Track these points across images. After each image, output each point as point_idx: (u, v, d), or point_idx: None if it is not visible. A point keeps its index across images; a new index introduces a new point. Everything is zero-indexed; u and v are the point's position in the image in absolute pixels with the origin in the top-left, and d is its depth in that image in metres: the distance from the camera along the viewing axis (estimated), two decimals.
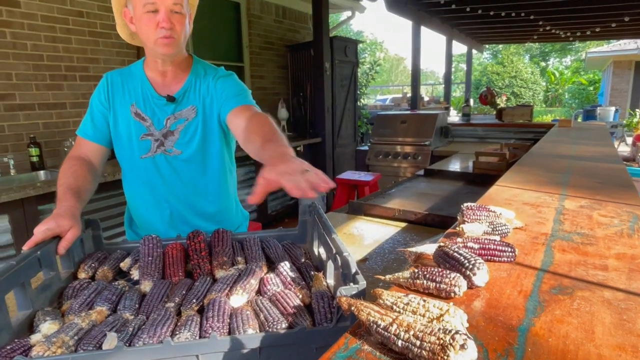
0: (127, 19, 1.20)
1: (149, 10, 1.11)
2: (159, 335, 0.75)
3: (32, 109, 3.07)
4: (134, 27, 1.19)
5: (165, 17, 1.12)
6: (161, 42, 1.14)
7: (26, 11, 2.98)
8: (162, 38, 1.13)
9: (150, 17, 1.12)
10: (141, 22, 1.14)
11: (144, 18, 1.13)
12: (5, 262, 0.87)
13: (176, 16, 1.14)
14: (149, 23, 1.12)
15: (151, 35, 1.14)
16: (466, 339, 0.43)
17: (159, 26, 1.12)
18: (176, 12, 1.14)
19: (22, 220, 2.39)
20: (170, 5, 1.12)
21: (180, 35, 1.17)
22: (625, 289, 0.64)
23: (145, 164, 1.29)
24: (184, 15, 1.17)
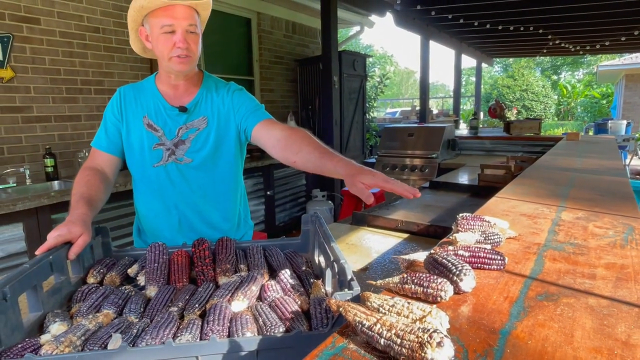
0: (143, 37, 1.27)
1: (167, 32, 1.19)
2: (162, 337, 0.78)
3: (48, 121, 3.18)
4: (150, 45, 1.26)
5: (182, 37, 1.19)
6: (177, 61, 1.22)
7: (45, 28, 3.11)
8: (178, 57, 1.21)
9: (168, 37, 1.19)
10: (158, 42, 1.21)
11: (161, 38, 1.20)
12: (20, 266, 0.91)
13: (191, 36, 1.22)
14: (166, 43, 1.20)
15: (167, 54, 1.21)
16: (443, 337, 0.45)
17: (175, 46, 1.20)
18: (191, 32, 1.21)
19: (35, 229, 2.46)
20: (186, 27, 1.19)
21: (194, 53, 1.24)
22: (609, 297, 0.66)
23: (157, 172, 1.35)
24: (198, 35, 1.24)
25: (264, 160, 4.10)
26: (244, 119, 1.34)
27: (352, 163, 1.09)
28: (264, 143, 1.31)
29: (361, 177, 1.00)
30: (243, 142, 1.40)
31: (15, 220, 2.38)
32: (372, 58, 13.10)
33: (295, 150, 1.22)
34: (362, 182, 0.99)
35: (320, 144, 1.22)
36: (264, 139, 1.31)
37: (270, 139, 1.28)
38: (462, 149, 4.87)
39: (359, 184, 1.00)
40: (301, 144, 1.21)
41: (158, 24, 1.19)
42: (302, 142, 1.21)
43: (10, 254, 2.38)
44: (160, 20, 1.18)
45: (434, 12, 6.06)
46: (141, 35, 1.27)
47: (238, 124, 1.35)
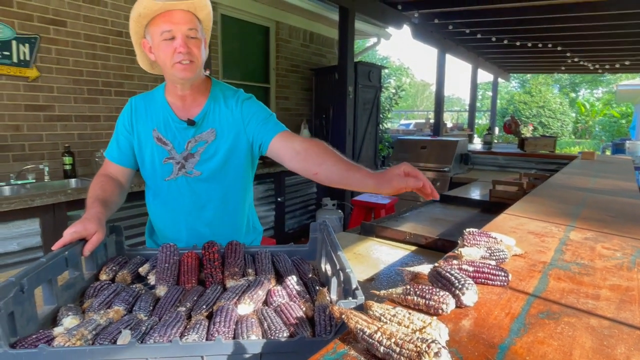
0: (147, 49, 1.25)
1: (166, 38, 1.17)
2: (169, 335, 0.80)
3: (69, 120, 3.27)
4: (153, 56, 1.24)
5: (182, 42, 1.17)
6: (179, 67, 1.19)
7: (71, 30, 3.21)
8: (180, 63, 1.18)
9: (168, 44, 1.17)
10: (159, 50, 1.19)
11: (161, 45, 1.18)
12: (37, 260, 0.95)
13: (192, 41, 1.19)
14: (166, 50, 1.18)
15: (169, 61, 1.19)
16: (440, 348, 0.47)
17: (176, 51, 1.17)
18: (192, 37, 1.19)
19: (51, 225, 2.52)
20: (186, 31, 1.17)
21: (197, 58, 1.21)
22: (612, 318, 0.66)
23: (168, 185, 1.35)
24: (200, 39, 1.22)
25: (275, 167, 4.13)
26: (257, 133, 1.31)
27: (376, 173, 1.11)
28: (282, 156, 1.29)
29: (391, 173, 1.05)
30: (256, 154, 1.38)
31: (32, 215, 2.45)
32: (388, 70, 13.15)
33: (318, 162, 1.20)
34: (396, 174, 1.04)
35: (342, 156, 1.22)
36: (282, 152, 1.28)
37: (289, 151, 1.26)
38: (475, 163, 4.84)
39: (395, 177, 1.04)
40: (324, 156, 1.20)
41: (158, 31, 1.17)
42: (325, 154, 1.21)
43: (26, 248, 2.44)
44: (160, 27, 1.17)
45: (451, 26, 6.08)
46: (144, 48, 1.26)
47: (250, 137, 1.33)
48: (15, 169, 2.95)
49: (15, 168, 2.96)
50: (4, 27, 2.85)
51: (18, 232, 2.41)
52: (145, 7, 1.16)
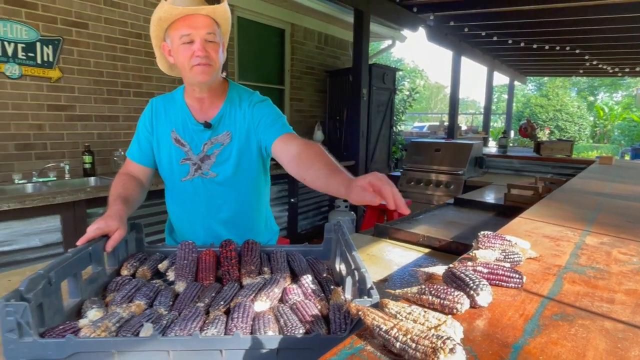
0: (166, 52, 1.29)
1: (185, 42, 1.21)
2: (189, 329, 0.83)
3: (89, 120, 3.35)
4: (172, 59, 1.28)
5: (200, 46, 1.20)
6: (197, 70, 1.22)
7: (93, 32, 3.30)
8: (198, 65, 1.21)
9: (187, 47, 1.21)
10: (178, 53, 1.23)
11: (180, 49, 1.22)
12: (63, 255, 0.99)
13: (210, 45, 1.23)
14: (185, 53, 1.22)
15: (187, 64, 1.22)
16: (455, 345, 0.48)
17: (194, 55, 1.21)
18: (210, 41, 1.22)
19: (71, 221, 2.59)
20: (204, 35, 1.21)
21: (214, 62, 1.24)
22: (627, 321, 0.66)
23: (184, 186, 1.39)
24: (218, 43, 1.25)
25: None
26: (263, 135, 1.33)
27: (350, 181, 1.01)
28: (281, 160, 1.30)
29: (354, 184, 0.95)
30: (265, 157, 1.41)
31: (53, 212, 2.51)
32: (402, 72, 13.12)
33: (307, 167, 1.18)
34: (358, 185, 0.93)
35: (331, 160, 1.17)
36: (281, 156, 1.29)
37: (287, 155, 1.26)
38: (490, 167, 4.80)
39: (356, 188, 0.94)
40: (313, 161, 1.17)
41: (177, 35, 1.21)
42: (315, 158, 1.17)
43: (47, 244, 2.51)
44: (179, 31, 1.20)
45: (467, 29, 6.04)
46: (164, 51, 1.30)
47: (258, 140, 1.35)
48: (37, 167, 3.03)
49: (38, 166, 3.05)
50: (29, 29, 2.94)
51: (40, 228, 2.48)
52: (166, 12, 1.20)
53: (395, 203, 0.89)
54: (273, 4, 4.83)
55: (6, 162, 2.94)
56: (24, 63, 2.93)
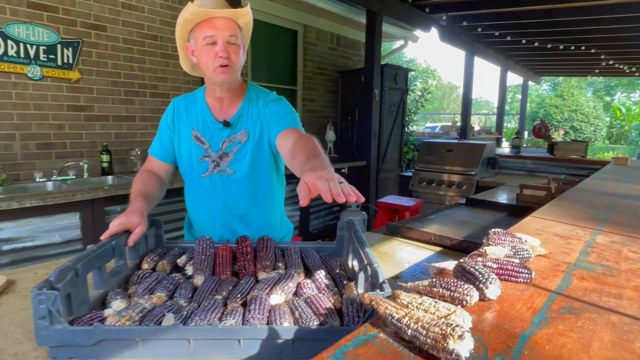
0: (189, 52, 1.35)
1: (208, 43, 1.26)
2: (208, 320, 0.87)
3: (107, 120, 3.43)
4: (195, 59, 1.34)
5: (223, 47, 1.26)
6: (219, 71, 1.28)
7: (111, 34, 3.38)
8: (220, 66, 1.27)
9: (210, 48, 1.27)
10: (201, 54, 1.29)
11: (204, 50, 1.28)
12: (88, 248, 1.04)
13: (232, 47, 1.28)
14: (208, 54, 1.27)
15: (210, 64, 1.28)
16: (464, 331, 0.51)
17: (217, 56, 1.26)
18: (232, 44, 1.28)
19: (90, 219, 2.66)
20: (227, 38, 1.26)
21: (235, 63, 1.30)
22: (633, 316, 0.68)
23: (203, 182, 1.45)
24: (239, 46, 1.30)
25: None
26: (271, 130, 1.36)
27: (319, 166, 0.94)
28: (281, 153, 1.30)
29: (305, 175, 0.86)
30: (276, 154, 1.43)
31: (73, 210, 2.59)
32: (415, 72, 13.07)
33: (294, 158, 1.15)
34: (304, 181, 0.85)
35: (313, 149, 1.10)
36: (281, 149, 1.30)
37: (285, 149, 1.26)
38: (503, 167, 4.78)
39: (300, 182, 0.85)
40: (299, 150, 1.13)
41: (201, 36, 1.26)
42: (302, 149, 1.13)
43: (67, 240, 2.59)
44: (203, 32, 1.26)
45: (480, 29, 6.02)
46: (187, 51, 1.35)
47: (268, 136, 1.39)
48: (57, 166, 3.12)
49: (58, 165, 3.14)
50: (50, 32, 3.03)
51: (60, 225, 2.56)
52: (192, 13, 1.25)
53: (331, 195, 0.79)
54: (286, 5, 4.88)
55: (28, 161, 3.03)
56: (45, 65, 3.02)
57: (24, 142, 3.00)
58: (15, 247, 2.38)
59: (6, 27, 2.82)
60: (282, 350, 0.84)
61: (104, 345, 0.82)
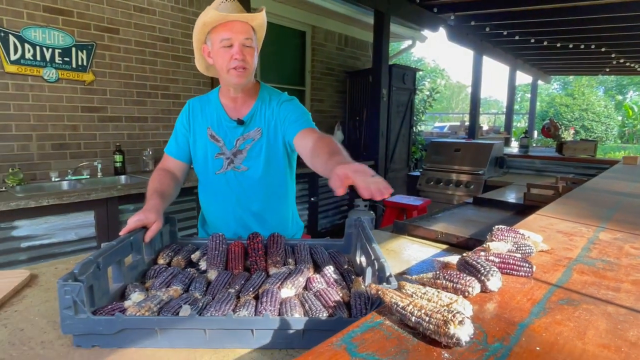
0: (205, 54, 1.41)
1: (225, 45, 1.33)
2: (223, 311, 0.92)
3: (119, 121, 3.51)
4: (211, 61, 1.40)
5: (239, 50, 1.32)
6: (234, 72, 1.34)
7: (123, 37, 3.46)
8: (235, 69, 1.33)
9: (226, 50, 1.33)
10: (218, 55, 1.36)
11: (220, 52, 1.34)
12: (108, 243, 1.09)
13: (247, 49, 1.35)
14: (224, 56, 1.34)
15: (225, 66, 1.34)
16: (464, 317, 0.55)
17: (232, 58, 1.33)
18: (247, 46, 1.35)
19: (104, 217, 2.74)
20: (243, 40, 1.33)
21: (250, 65, 1.36)
22: (629, 307, 0.71)
23: (218, 179, 1.50)
24: (254, 48, 1.37)
25: (308, 167, 4.25)
26: (287, 130, 1.43)
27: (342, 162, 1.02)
28: (301, 153, 1.38)
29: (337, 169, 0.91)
30: (290, 153, 1.51)
31: (88, 208, 2.66)
32: (423, 72, 13.05)
33: (316, 156, 1.23)
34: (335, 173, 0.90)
35: (336, 148, 1.18)
36: (300, 148, 1.38)
37: (305, 148, 1.33)
38: (511, 167, 4.78)
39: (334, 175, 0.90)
40: (321, 150, 1.20)
41: (218, 38, 1.33)
42: (323, 148, 1.20)
43: (82, 238, 2.66)
44: (220, 34, 1.32)
45: (488, 28, 6.01)
46: (204, 53, 1.42)
47: (283, 135, 1.45)
48: (72, 166, 3.20)
49: (72, 165, 3.22)
50: (65, 35, 3.11)
51: (75, 223, 2.63)
52: (210, 17, 1.31)
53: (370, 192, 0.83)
54: (294, 7, 4.93)
55: (44, 161, 3.12)
56: (61, 67, 3.11)
57: (40, 142, 3.08)
58: (33, 244, 2.46)
59: (23, 31, 2.90)
60: (293, 340, 0.88)
61: (124, 334, 0.87)
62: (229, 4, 1.33)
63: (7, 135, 2.93)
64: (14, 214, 2.36)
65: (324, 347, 0.56)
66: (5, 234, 2.36)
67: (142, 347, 0.87)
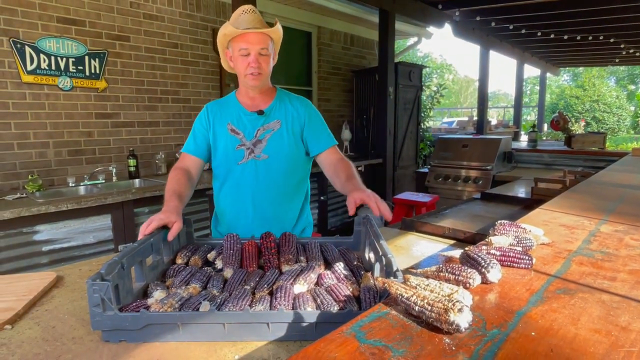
0: (228, 58, 1.57)
1: (243, 54, 1.48)
2: (240, 306, 0.98)
3: (132, 126, 3.60)
4: (232, 64, 1.56)
5: (254, 59, 1.47)
6: (250, 77, 1.50)
7: (134, 44, 3.54)
8: (251, 75, 1.49)
9: (244, 58, 1.48)
10: (237, 62, 1.51)
11: (239, 59, 1.49)
12: (130, 244, 1.16)
13: (262, 57, 1.49)
14: (242, 63, 1.49)
15: (243, 72, 1.50)
16: (463, 306, 0.59)
17: (249, 65, 1.48)
18: (263, 55, 1.49)
19: (121, 220, 2.82)
20: (259, 50, 1.47)
21: (265, 70, 1.51)
22: (623, 295, 0.75)
23: (240, 168, 1.61)
24: (269, 55, 1.51)
25: (318, 167, 4.30)
26: (311, 139, 1.63)
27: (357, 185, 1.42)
28: (323, 166, 1.66)
29: (353, 193, 1.31)
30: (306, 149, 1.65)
31: (105, 212, 2.75)
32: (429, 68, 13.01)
33: (336, 176, 1.56)
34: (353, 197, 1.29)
35: (352, 171, 1.53)
36: (322, 165, 1.66)
37: (328, 166, 1.63)
38: (520, 161, 4.78)
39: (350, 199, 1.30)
40: (340, 172, 1.54)
41: (237, 47, 1.48)
42: (342, 170, 1.55)
43: (100, 241, 2.75)
44: (239, 44, 1.47)
45: (494, 23, 6.00)
46: (227, 57, 1.57)
47: (306, 139, 1.62)
48: (87, 171, 3.30)
49: (88, 170, 3.32)
50: (79, 45, 3.20)
51: (93, 227, 2.72)
52: (230, 31, 1.47)
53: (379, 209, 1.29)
54: (300, 8, 4.98)
55: (61, 167, 3.22)
56: (75, 76, 3.20)
57: (57, 149, 3.18)
58: (54, 247, 2.55)
59: (39, 42, 3.00)
60: (306, 333, 0.93)
61: (149, 329, 0.94)
62: (248, 15, 1.46)
63: (26, 143, 3.03)
64: (35, 219, 2.45)
65: (335, 334, 0.61)
66: (28, 238, 2.46)
67: (166, 341, 0.94)
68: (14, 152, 2.99)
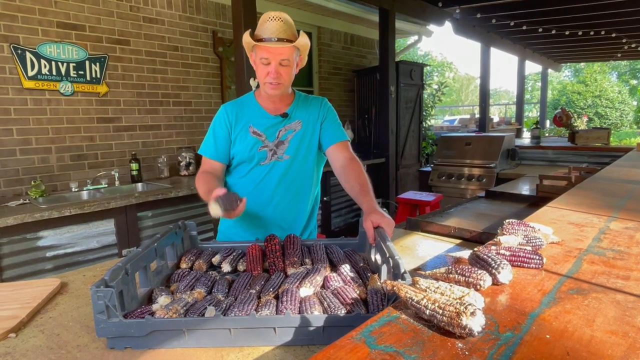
0: (251, 60, 1.56)
1: (264, 63, 1.47)
2: (246, 311, 0.96)
3: (134, 130, 3.59)
4: (255, 68, 1.55)
5: (274, 69, 1.46)
6: (269, 86, 1.50)
7: (134, 48, 3.54)
8: (270, 84, 1.49)
9: (264, 67, 1.48)
10: (258, 68, 1.51)
11: (260, 67, 1.49)
12: (134, 249, 1.14)
13: (283, 68, 1.48)
14: (263, 70, 1.49)
15: (262, 79, 1.50)
16: (476, 309, 0.58)
17: (269, 75, 1.47)
18: (283, 65, 1.47)
19: (124, 224, 2.81)
20: (279, 61, 1.46)
21: (285, 80, 1.51)
22: (638, 294, 0.74)
23: (262, 169, 1.61)
24: (290, 66, 1.49)
25: None
26: (324, 133, 1.63)
27: (373, 204, 1.39)
28: (332, 163, 1.64)
29: (372, 216, 1.30)
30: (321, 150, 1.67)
31: (108, 216, 2.74)
32: (430, 67, 12.99)
33: (347, 180, 1.55)
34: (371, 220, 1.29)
35: (364, 179, 1.51)
36: (332, 160, 1.64)
37: (337, 162, 1.62)
38: (523, 158, 4.75)
39: (368, 221, 1.30)
40: (352, 176, 1.53)
41: (259, 55, 1.48)
42: (354, 174, 1.53)
43: (104, 245, 2.74)
44: (260, 52, 1.47)
45: (494, 20, 5.97)
46: (251, 59, 1.56)
47: (320, 133, 1.63)
48: (90, 176, 3.30)
49: (90, 175, 3.31)
50: (79, 49, 3.20)
51: (97, 231, 2.72)
52: (248, 41, 1.48)
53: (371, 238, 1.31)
54: (299, 8, 4.97)
55: (64, 172, 3.22)
56: (76, 81, 3.20)
57: (59, 154, 3.18)
58: (57, 253, 2.55)
59: (39, 47, 3.00)
60: (314, 337, 0.92)
61: (154, 335, 0.92)
62: (273, 23, 1.45)
63: (28, 148, 3.03)
64: (39, 225, 2.45)
65: (345, 340, 0.60)
66: (32, 244, 2.45)
67: (171, 347, 0.92)
68: (16, 158, 2.99)
